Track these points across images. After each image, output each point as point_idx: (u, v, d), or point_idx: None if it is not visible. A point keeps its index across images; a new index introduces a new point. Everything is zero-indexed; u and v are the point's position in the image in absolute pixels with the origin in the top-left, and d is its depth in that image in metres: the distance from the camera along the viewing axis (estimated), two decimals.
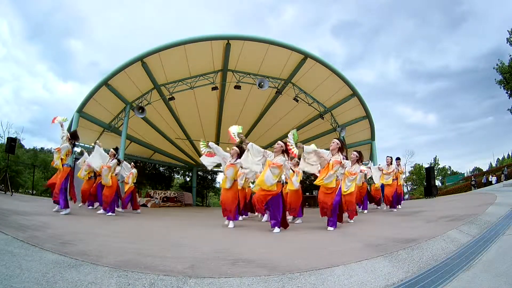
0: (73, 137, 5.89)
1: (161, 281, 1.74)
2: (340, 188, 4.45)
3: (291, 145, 4.41)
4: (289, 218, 5.77)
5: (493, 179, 18.54)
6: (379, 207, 8.18)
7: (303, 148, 4.44)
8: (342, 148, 4.50)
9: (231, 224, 5.07)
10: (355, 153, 5.57)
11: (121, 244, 2.88)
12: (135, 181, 7.89)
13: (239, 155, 5.10)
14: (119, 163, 7.10)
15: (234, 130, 4.86)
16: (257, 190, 4.45)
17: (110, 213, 6.14)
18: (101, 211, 6.27)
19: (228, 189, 5.07)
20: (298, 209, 5.73)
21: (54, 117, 6.00)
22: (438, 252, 2.46)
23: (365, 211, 7.43)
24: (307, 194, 15.73)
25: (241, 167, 5.14)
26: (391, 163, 7.30)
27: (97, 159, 6.56)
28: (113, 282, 1.72)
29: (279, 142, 4.53)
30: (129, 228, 4.56)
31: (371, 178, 7.97)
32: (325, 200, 4.30)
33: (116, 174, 6.73)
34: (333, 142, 4.52)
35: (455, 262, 2.26)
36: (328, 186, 4.30)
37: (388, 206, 7.30)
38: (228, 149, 5.60)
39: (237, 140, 4.85)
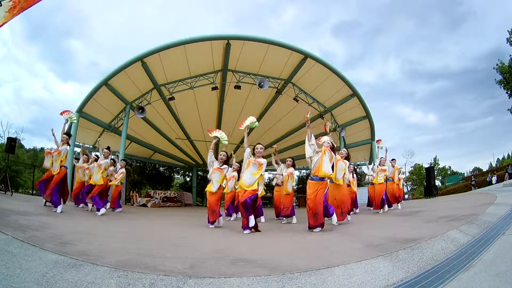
0: (68, 136, 5.94)
1: (161, 281, 1.74)
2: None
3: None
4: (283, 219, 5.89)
5: (493, 178, 18.50)
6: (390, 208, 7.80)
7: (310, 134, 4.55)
8: (333, 149, 4.56)
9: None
10: (345, 150, 5.71)
11: (121, 244, 2.88)
12: (123, 181, 7.76)
13: (226, 162, 5.31)
14: (114, 164, 7.09)
15: (249, 121, 5.05)
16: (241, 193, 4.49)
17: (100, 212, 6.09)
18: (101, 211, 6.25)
19: (214, 193, 5.15)
20: (291, 208, 5.81)
21: (65, 110, 6.00)
22: (438, 252, 2.46)
23: (357, 211, 7.44)
24: None
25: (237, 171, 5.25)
26: (383, 164, 7.33)
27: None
28: (113, 282, 1.72)
29: (260, 145, 4.63)
30: (129, 228, 4.56)
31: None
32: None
33: (107, 175, 6.70)
34: (325, 141, 4.60)
35: (455, 262, 2.26)
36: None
37: (373, 208, 7.35)
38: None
39: (243, 128, 5.08)
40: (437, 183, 28.77)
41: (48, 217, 4.48)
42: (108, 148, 6.96)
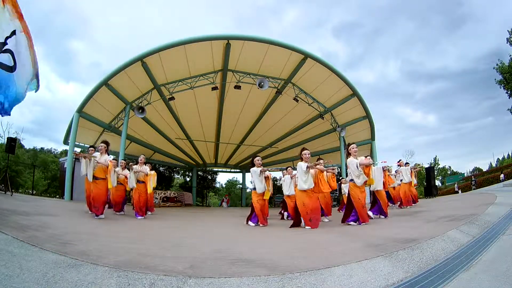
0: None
1: (161, 281, 1.74)
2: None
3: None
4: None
5: (501, 176, 18.65)
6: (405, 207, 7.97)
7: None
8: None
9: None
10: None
11: (121, 244, 2.88)
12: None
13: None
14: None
15: None
16: None
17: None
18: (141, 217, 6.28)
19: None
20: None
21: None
22: (438, 252, 2.46)
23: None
24: None
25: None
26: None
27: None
28: (113, 282, 1.71)
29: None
30: (129, 229, 4.56)
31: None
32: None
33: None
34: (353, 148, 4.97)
35: (455, 262, 2.26)
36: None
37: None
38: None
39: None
40: (437, 183, 28.75)
41: (48, 217, 4.48)
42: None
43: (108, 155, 5.87)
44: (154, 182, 7.23)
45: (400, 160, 8.67)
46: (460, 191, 20.39)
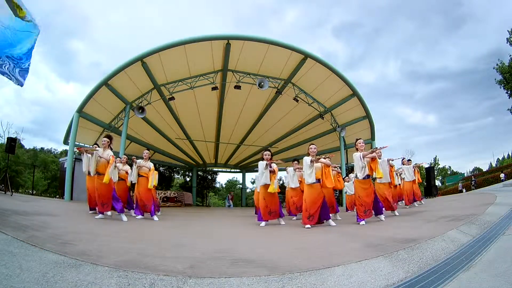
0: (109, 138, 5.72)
1: (161, 281, 1.74)
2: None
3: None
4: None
5: (502, 175, 18.73)
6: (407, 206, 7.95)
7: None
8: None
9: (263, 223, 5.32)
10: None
11: (121, 244, 2.88)
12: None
13: None
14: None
15: None
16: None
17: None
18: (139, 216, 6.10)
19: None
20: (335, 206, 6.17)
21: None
22: (438, 252, 2.46)
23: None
24: None
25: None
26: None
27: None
28: (113, 282, 1.71)
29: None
30: (129, 229, 4.56)
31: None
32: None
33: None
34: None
35: (455, 262, 2.26)
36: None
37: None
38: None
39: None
40: (437, 183, 28.80)
41: (48, 217, 4.48)
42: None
43: (112, 150, 5.68)
44: (155, 180, 7.14)
45: (403, 158, 8.63)
46: (464, 190, 20.55)
